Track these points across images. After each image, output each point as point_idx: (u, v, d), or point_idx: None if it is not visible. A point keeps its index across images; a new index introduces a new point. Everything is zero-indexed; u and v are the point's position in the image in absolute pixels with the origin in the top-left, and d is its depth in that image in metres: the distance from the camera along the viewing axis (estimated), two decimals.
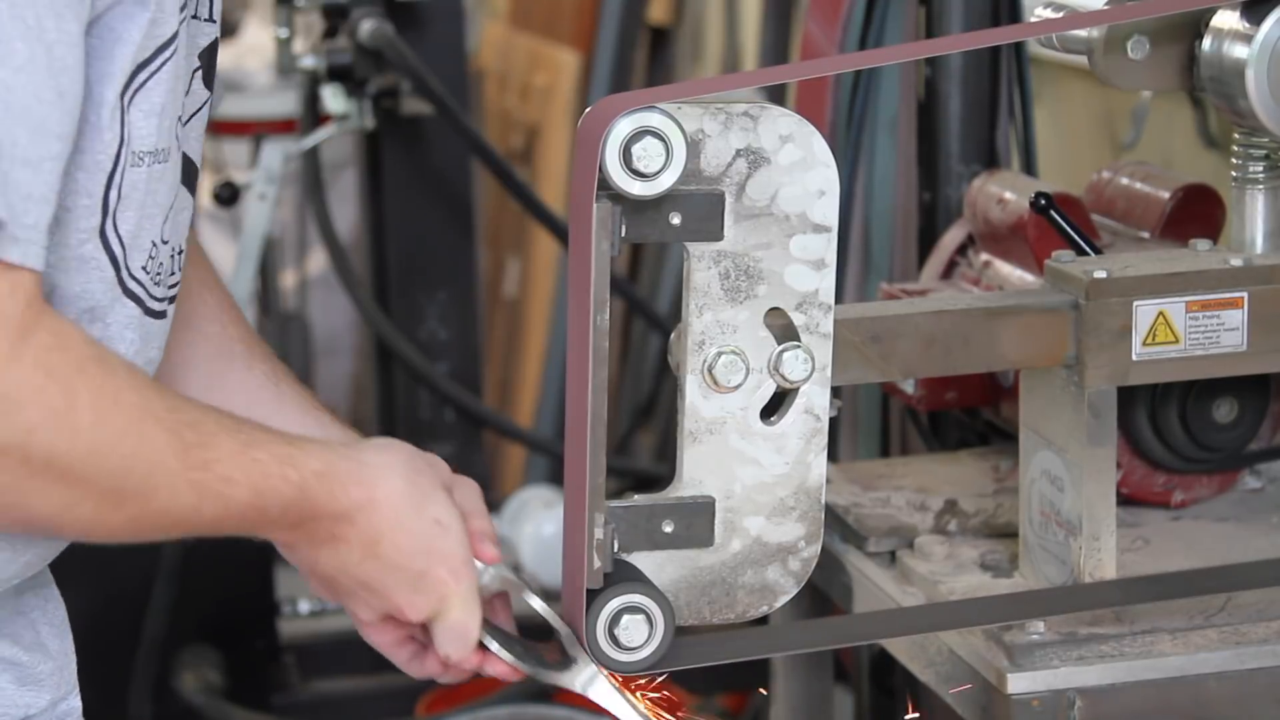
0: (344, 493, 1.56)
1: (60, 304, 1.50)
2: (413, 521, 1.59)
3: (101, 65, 1.46)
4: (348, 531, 1.57)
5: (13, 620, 1.60)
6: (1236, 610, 1.90)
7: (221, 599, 3.71)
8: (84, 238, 1.49)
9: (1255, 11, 1.88)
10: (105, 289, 1.52)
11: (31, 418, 1.38)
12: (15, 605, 1.61)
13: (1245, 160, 1.96)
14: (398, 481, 1.59)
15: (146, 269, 1.55)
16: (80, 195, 1.48)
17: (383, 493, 1.58)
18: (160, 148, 1.53)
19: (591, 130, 1.58)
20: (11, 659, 1.59)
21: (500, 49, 5.74)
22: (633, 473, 4.34)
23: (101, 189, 1.49)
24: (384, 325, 3.84)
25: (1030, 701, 1.82)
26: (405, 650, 1.69)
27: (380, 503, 1.57)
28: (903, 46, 2.69)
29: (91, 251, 1.50)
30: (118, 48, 1.47)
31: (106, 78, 1.47)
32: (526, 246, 5.33)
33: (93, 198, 1.48)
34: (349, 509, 1.56)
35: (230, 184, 3.79)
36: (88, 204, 1.48)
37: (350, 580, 1.60)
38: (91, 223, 1.49)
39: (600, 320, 1.59)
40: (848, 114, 2.79)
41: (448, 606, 1.61)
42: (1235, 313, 1.89)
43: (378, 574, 1.59)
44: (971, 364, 1.92)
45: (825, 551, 2.05)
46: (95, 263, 1.50)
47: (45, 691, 1.62)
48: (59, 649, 1.64)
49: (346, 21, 3.68)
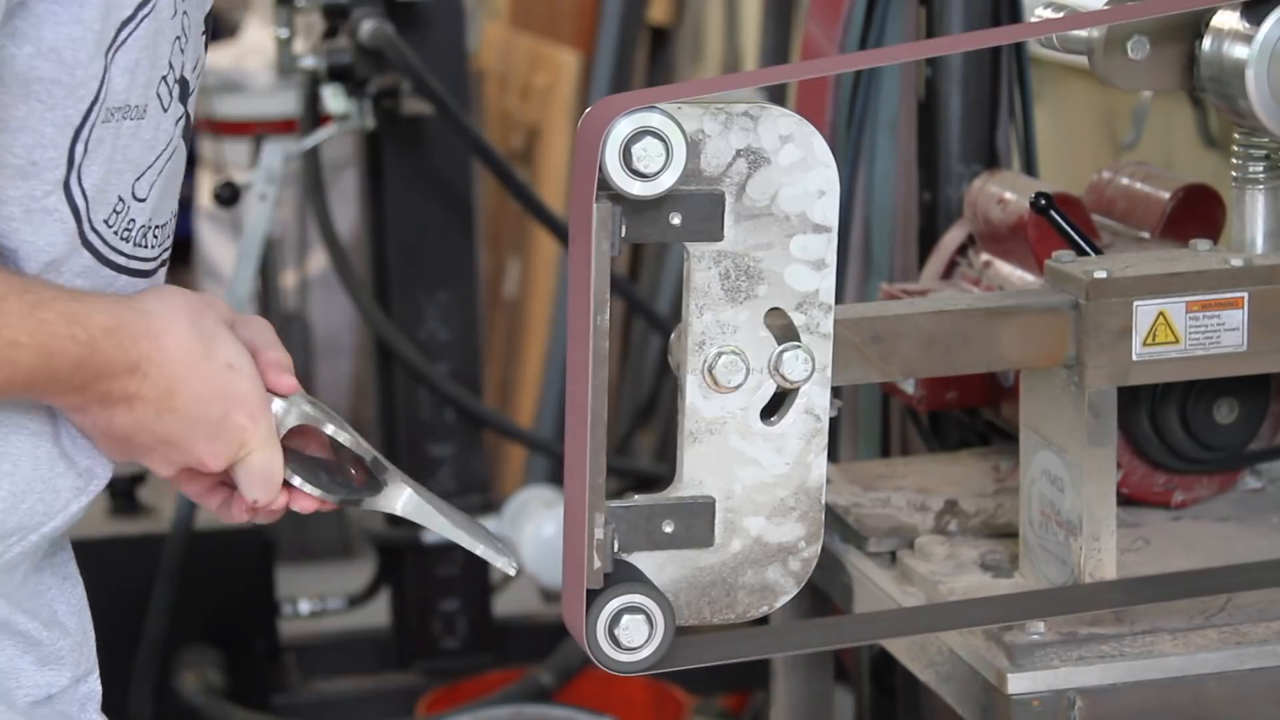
0: (134, 346, 1.52)
1: (26, 255, 1.51)
2: (204, 367, 1.55)
3: (68, 30, 1.46)
4: (141, 387, 1.52)
5: (31, 599, 1.60)
6: (1236, 610, 1.90)
7: (221, 599, 3.71)
8: (49, 189, 1.50)
9: (1255, 11, 1.88)
10: (66, 240, 1.53)
11: None
12: (35, 584, 1.60)
13: (1245, 160, 1.96)
14: (184, 327, 1.55)
15: (109, 222, 1.55)
16: (48, 149, 1.49)
17: (171, 341, 1.53)
18: (133, 104, 1.53)
19: (591, 130, 1.58)
20: (31, 635, 1.58)
21: (500, 49, 5.74)
22: (633, 473, 4.34)
23: (68, 142, 1.49)
24: (384, 325, 3.84)
25: (1030, 701, 1.82)
26: (215, 497, 1.65)
27: (170, 351, 1.53)
28: (903, 46, 2.69)
29: (55, 203, 1.51)
30: (84, 10, 1.47)
31: (79, 41, 1.47)
32: (526, 246, 5.33)
33: (59, 150, 1.49)
34: (139, 361, 1.52)
35: (230, 184, 3.79)
36: (54, 156, 1.49)
37: (148, 437, 1.55)
38: (57, 174, 1.50)
39: (600, 320, 1.59)
40: (848, 114, 2.80)
41: (248, 451, 1.57)
42: (1235, 313, 1.89)
43: (175, 427, 1.55)
44: (972, 364, 1.92)
45: (825, 551, 2.06)
46: (58, 214, 1.51)
47: (65, 669, 1.61)
48: (77, 627, 1.64)
49: (347, 21, 3.68)
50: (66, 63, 1.47)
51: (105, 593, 3.53)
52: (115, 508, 3.70)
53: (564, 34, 5.30)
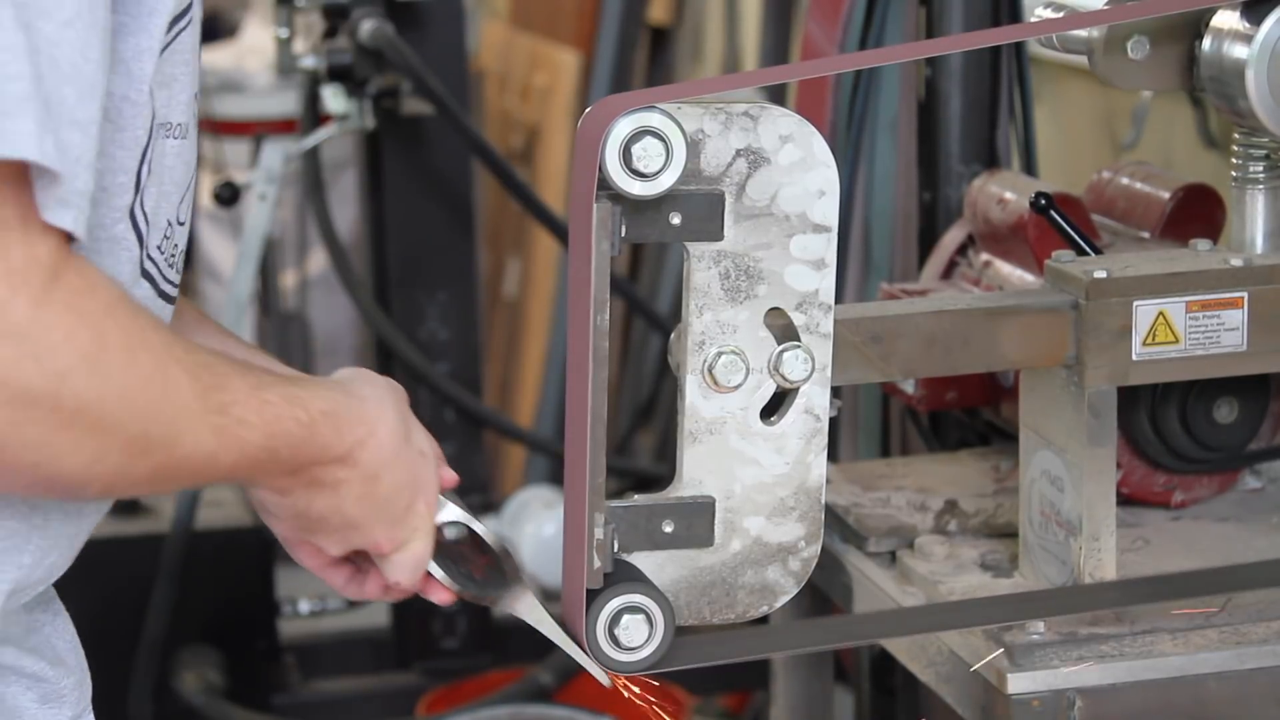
0: (350, 431, 1.50)
1: None
2: (405, 454, 1.55)
3: (136, 39, 1.42)
4: (350, 473, 1.51)
5: (30, 636, 1.56)
6: (1236, 610, 1.90)
7: (221, 599, 3.71)
8: (117, 216, 1.45)
9: (1255, 11, 1.88)
10: (130, 269, 1.48)
11: (64, 362, 1.31)
12: (28, 622, 1.57)
13: (1245, 160, 1.96)
14: (392, 414, 1.54)
15: (161, 249, 1.51)
16: (119, 173, 1.44)
17: (383, 430, 1.53)
18: (179, 122, 1.49)
19: (591, 130, 1.58)
20: (37, 674, 1.55)
21: (500, 49, 5.74)
22: (633, 473, 4.34)
23: (136, 164, 1.45)
24: (384, 325, 3.84)
25: (1030, 701, 1.82)
26: (340, 572, 1.64)
27: (382, 438, 1.52)
28: (903, 46, 2.69)
29: (123, 231, 1.46)
30: (153, 19, 1.42)
31: (146, 52, 1.42)
32: (526, 246, 5.33)
33: (129, 174, 1.45)
34: (352, 448, 1.51)
35: (230, 184, 3.78)
36: (124, 181, 1.45)
37: (340, 521, 1.54)
38: (125, 200, 1.45)
39: (600, 320, 1.59)
40: (848, 114, 2.80)
41: (415, 537, 1.58)
42: (1235, 313, 1.89)
43: (370, 512, 1.54)
44: (971, 364, 1.92)
45: (825, 551, 2.05)
46: (125, 242, 1.47)
47: (66, 708, 1.58)
48: (75, 664, 1.61)
49: (347, 21, 3.68)
50: (135, 77, 1.43)
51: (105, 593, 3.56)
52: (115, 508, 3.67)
53: (564, 34, 5.30)
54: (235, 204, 3.84)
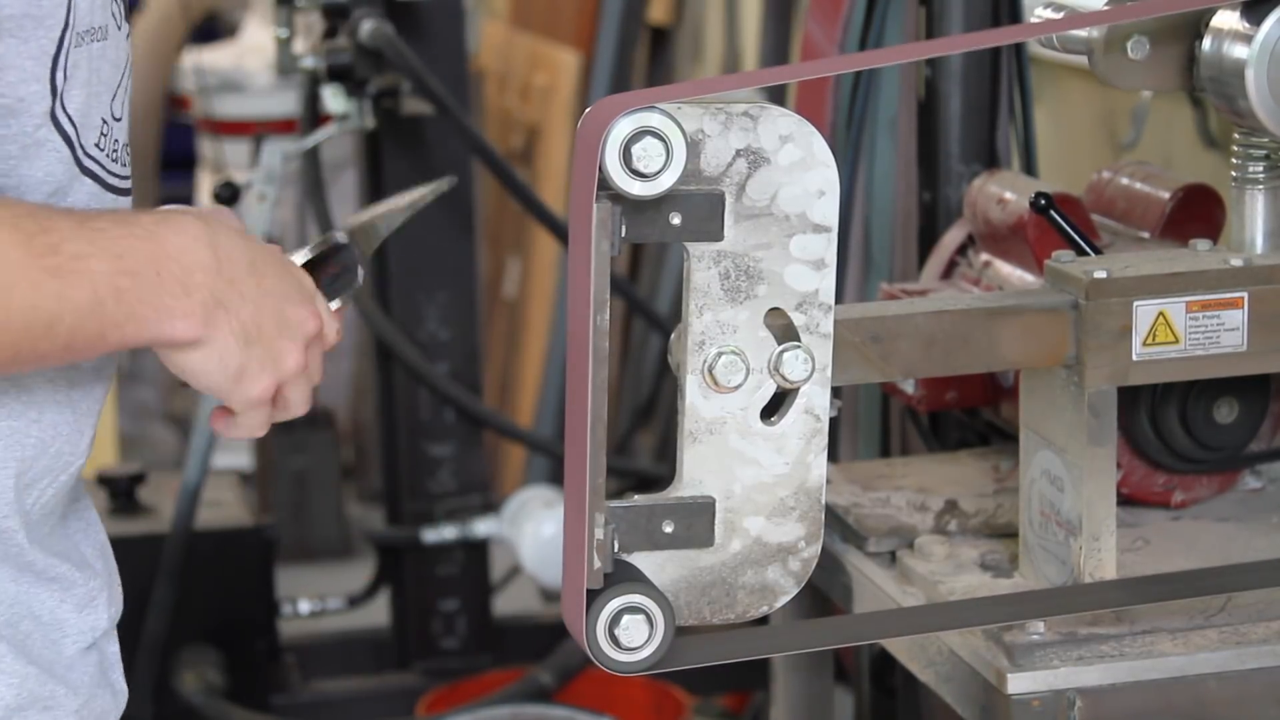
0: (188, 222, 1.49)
1: (28, 189, 1.52)
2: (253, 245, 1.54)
3: None
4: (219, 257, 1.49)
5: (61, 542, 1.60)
6: (1236, 610, 1.90)
7: (221, 599, 3.71)
8: (38, 122, 1.52)
9: (1255, 11, 1.88)
10: (64, 169, 1.54)
11: None
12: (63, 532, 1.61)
13: (1245, 160, 1.96)
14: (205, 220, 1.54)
15: (100, 145, 1.57)
16: (30, 82, 1.50)
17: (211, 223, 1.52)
18: (96, 25, 1.55)
19: (591, 130, 1.58)
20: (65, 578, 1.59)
21: (500, 49, 5.74)
22: (633, 473, 4.34)
23: (48, 73, 1.51)
24: (384, 325, 3.84)
25: (1030, 701, 1.82)
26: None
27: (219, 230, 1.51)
28: (903, 47, 2.69)
29: (46, 135, 1.52)
30: None
31: None
32: (526, 246, 5.33)
33: (42, 83, 1.51)
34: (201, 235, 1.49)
35: (230, 184, 3.78)
36: (38, 89, 1.51)
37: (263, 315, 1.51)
38: (43, 107, 1.51)
39: (600, 320, 1.59)
40: (848, 114, 2.80)
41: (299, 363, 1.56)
42: (1235, 313, 1.89)
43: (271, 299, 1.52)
44: (971, 364, 1.92)
45: (825, 551, 2.06)
46: (51, 145, 1.53)
47: (102, 610, 1.62)
48: (104, 568, 1.65)
49: (346, 21, 3.68)
50: None
51: None
52: (115, 508, 3.69)
53: (564, 34, 5.30)
54: (235, 204, 3.84)
